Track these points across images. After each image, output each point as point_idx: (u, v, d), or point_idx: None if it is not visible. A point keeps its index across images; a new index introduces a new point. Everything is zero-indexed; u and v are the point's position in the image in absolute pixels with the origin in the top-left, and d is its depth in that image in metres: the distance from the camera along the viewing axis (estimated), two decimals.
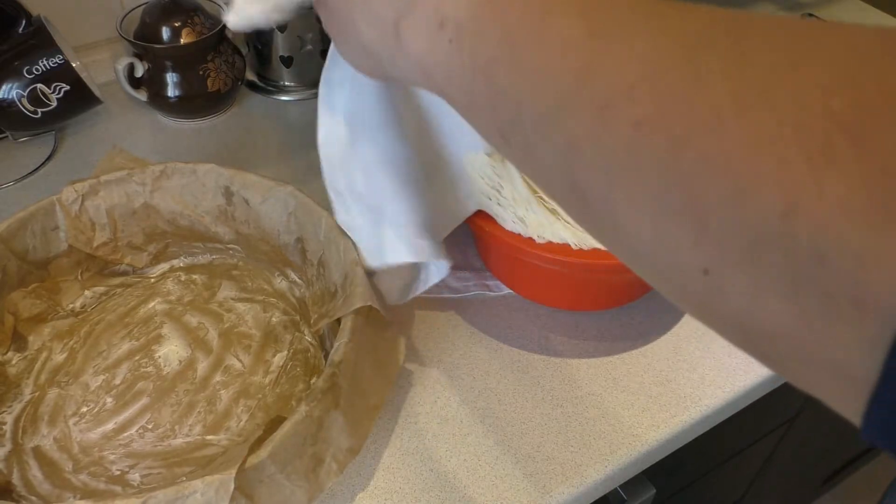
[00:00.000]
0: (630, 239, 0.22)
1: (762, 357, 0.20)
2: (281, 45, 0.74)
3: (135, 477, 0.45)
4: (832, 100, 0.16)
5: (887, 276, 0.15)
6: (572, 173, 0.23)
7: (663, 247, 0.20)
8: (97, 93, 0.68)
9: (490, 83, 0.25)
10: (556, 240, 0.48)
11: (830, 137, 0.16)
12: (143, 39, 0.69)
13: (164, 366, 0.51)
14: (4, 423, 0.48)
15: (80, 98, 0.67)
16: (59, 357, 0.52)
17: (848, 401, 0.17)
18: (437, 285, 0.51)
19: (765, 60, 0.18)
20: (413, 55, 0.29)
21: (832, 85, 0.17)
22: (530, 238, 0.49)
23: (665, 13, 0.21)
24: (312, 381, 0.50)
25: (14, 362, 0.51)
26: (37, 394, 0.49)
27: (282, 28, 0.73)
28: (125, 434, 0.47)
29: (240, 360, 0.52)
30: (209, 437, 0.47)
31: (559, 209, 0.48)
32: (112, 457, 0.46)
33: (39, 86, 0.65)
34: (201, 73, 0.70)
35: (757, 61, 0.18)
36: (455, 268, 0.55)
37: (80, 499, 0.43)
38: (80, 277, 0.55)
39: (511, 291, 0.57)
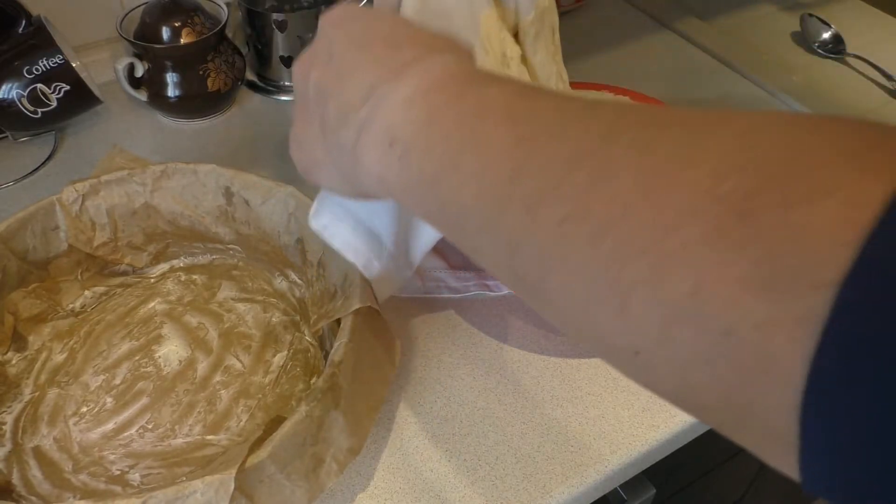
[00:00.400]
0: (570, 322, 0.23)
1: (707, 423, 0.21)
2: (281, 45, 0.74)
3: (135, 477, 0.45)
4: (723, 184, 0.18)
5: (787, 344, 0.17)
6: (514, 266, 0.25)
7: (597, 329, 0.22)
8: (97, 93, 0.68)
9: (438, 194, 0.27)
10: None
11: (723, 219, 0.18)
12: (143, 39, 0.69)
13: (164, 366, 0.51)
14: (4, 423, 0.48)
15: (80, 98, 0.67)
16: (59, 357, 0.52)
17: (786, 460, 0.18)
18: (437, 285, 0.51)
19: (662, 151, 0.20)
20: (372, 174, 0.31)
21: (723, 170, 0.18)
22: None
23: (579, 113, 0.24)
24: (312, 381, 0.50)
25: (14, 362, 0.51)
26: (37, 394, 0.49)
27: (282, 28, 0.73)
28: (125, 434, 0.47)
29: (240, 361, 0.52)
30: (209, 437, 0.47)
31: None
32: (112, 457, 0.46)
33: (39, 86, 0.65)
34: (201, 73, 0.70)
35: (656, 152, 0.20)
36: (455, 268, 0.55)
37: (80, 499, 0.43)
38: (80, 277, 0.55)
39: (511, 291, 0.57)
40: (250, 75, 0.79)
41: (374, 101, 0.30)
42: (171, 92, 0.70)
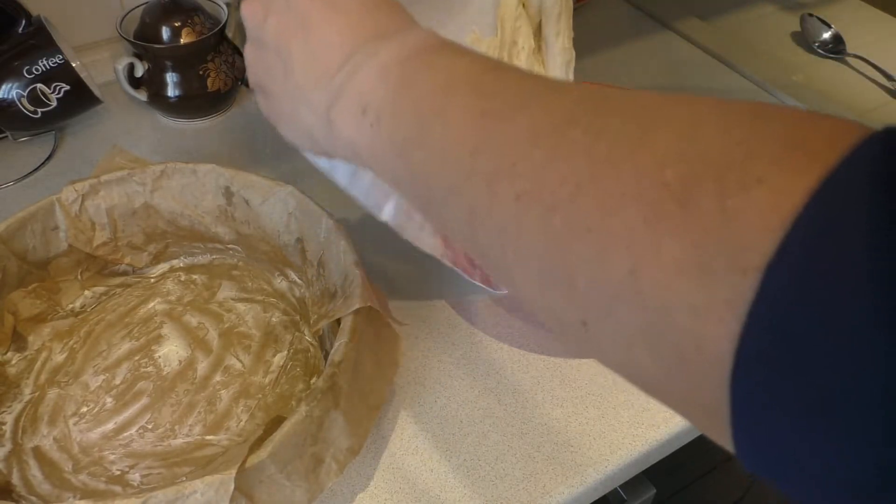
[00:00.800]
0: (524, 294, 0.24)
1: (659, 400, 0.22)
2: None
3: (135, 477, 0.45)
4: (665, 171, 0.19)
5: (717, 326, 0.17)
6: (475, 238, 0.26)
7: (548, 301, 0.23)
8: (97, 93, 0.68)
9: (407, 163, 0.28)
10: None
11: (663, 204, 0.18)
12: (143, 39, 0.69)
13: (164, 366, 0.51)
14: (4, 423, 0.48)
15: (80, 98, 0.67)
16: (59, 357, 0.52)
17: (725, 437, 0.19)
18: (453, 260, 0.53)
19: (616, 136, 0.21)
20: (343, 138, 0.31)
21: (667, 158, 0.19)
22: None
23: (543, 92, 0.24)
24: (312, 381, 0.50)
25: (14, 362, 0.51)
26: (37, 394, 0.49)
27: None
28: (125, 434, 0.47)
29: (240, 360, 0.52)
30: (209, 437, 0.47)
31: None
32: (112, 457, 0.46)
33: (39, 86, 0.65)
34: (201, 73, 0.70)
35: (610, 137, 0.21)
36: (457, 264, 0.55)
37: (80, 499, 0.43)
38: (80, 277, 0.55)
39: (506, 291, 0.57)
40: None
41: (351, 69, 0.30)
42: (171, 92, 0.70)
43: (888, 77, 0.83)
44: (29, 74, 0.64)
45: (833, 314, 0.15)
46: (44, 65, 0.64)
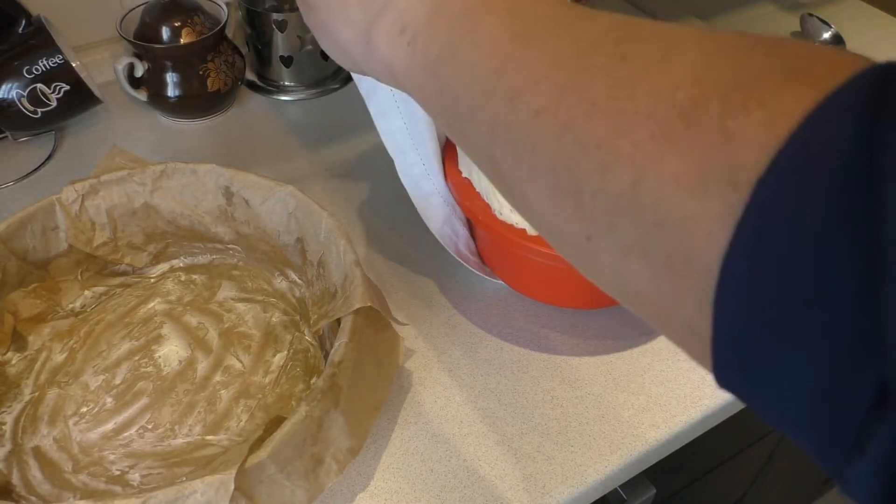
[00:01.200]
0: (533, 209, 0.26)
1: (641, 316, 0.23)
2: (281, 45, 0.74)
3: (135, 477, 0.45)
4: (678, 93, 0.20)
5: (706, 238, 0.18)
6: (492, 152, 0.27)
7: (556, 216, 0.24)
8: (97, 93, 0.68)
9: (436, 79, 0.29)
10: None
11: (671, 122, 0.20)
12: (143, 39, 0.69)
13: (164, 366, 0.51)
14: (4, 423, 0.48)
15: (80, 98, 0.67)
16: (58, 357, 0.52)
17: (703, 356, 0.20)
18: (452, 241, 0.55)
19: (638, 61, 0.22)
20: (380, 57, 0.32)
21: (680, 81, 0.20)
22: (523, 230, 0.49)
23: (574, 21, 0.26)
24: (312, 381, 0.50)
25: (14, 362, 0.51)
26: (37, 394, 0.49)
27: (282, 28, 0.73)
28: (125, 434, 0.47)
29: (240, 360, 0.52)
30: (209, 437, 0.47)
31: None
32: (112, 457, 0.46)
33: (39, 86, 0.65)
34: (201, 73, 0.70)
35: (632, 62, 0.22)
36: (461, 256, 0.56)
37: (80, 499, 0.43)
38: (79, 277, 0.55)
39: (503, 284, 0.57)
40: (250, 75, 0.79)
41: None
42: (171, 92, 0.70)
43: None
44: (29, 74, 0.64)
45: (808, 223, 0.16)
46: (44, 65, 0.64)
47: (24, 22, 0.66)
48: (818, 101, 0.17)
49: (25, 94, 0.64)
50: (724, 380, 0.19)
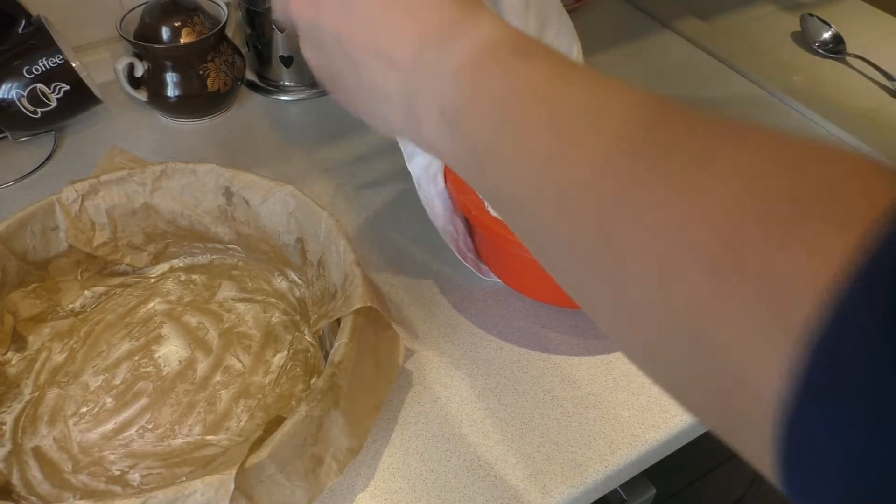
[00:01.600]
0: (595, 313, 0.26)
1: (709, 428, 0.23)
2: (281, 45, 0.74)
3: (135, 477, 0.45)
4: (719, 215, 0.20)
5: (761, 374, 0.18)
6: (542, 258, 0.27)
7: (616, 322, 0.24)
8: (97, 93, 0.68)
9: (480, 168, 0.29)
10: None
11: (715, 249, 0.20)
12: (143, 39, 0.69)
13: (164, 366, 0.51)
14: (4, 423, 0.48)
15: (80, 98, 0.67)
16: (58, 357, 0.52)
17: (765, 467, 0.20)
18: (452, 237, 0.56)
19: (679, 173, 0.22)
20: (426, 138, 0.32)
21: (722, 202, 0.20)
22: None
23: (610, 109, 0.25)
24: (312, 381, 0.50)
25: (14, 362, 0.51)
26: (37, 394, 0.49)
27: (282, 28, 0.73)
28: (125, 434, 0.47)
29: (240, 360, 0.52)
30: (209, 437, 0.47)
31: None
32: (112, 457, 0.46)
33: (39, 86, 0.65)
34: (201, 73, 0.70)
35: (674, 173, 0.22)
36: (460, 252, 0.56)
37: (80, 499, 0.43)
38: (79, 277, 0.54)
39: (504, 285, 0.57)
40: (250, 75, 0.79)
41: (424, 69, 0.30)
42: (171, 92, 0.70)
43: (888, 77, 0.83)
44: (29, 74, 0.64)
45: (866, 366, 0.16)
46: (44, 65, 0.64)
47: (24, 22, 0.66)
48: (860, 242, 0.17)
49: (25, 94, 0.64)
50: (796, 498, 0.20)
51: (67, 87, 0.66)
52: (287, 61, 0.76)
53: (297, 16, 0.35)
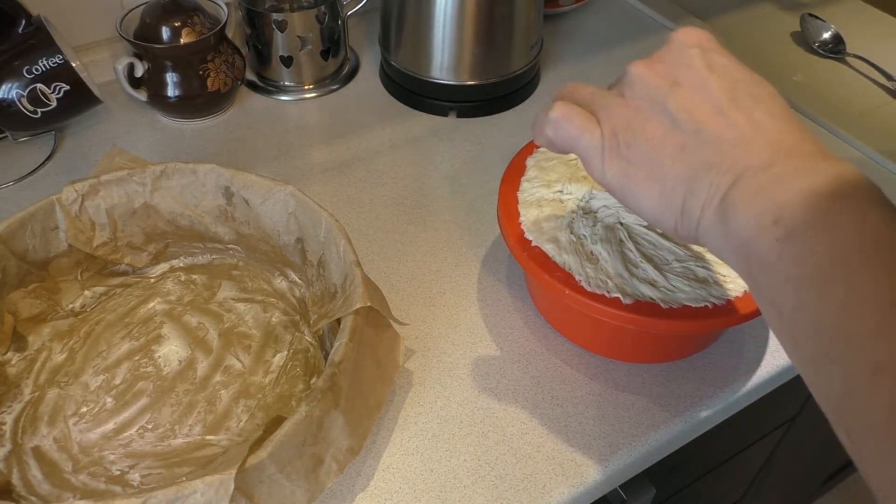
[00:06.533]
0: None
1: None
2: (281, 45, 0.74)
3: (135, 477, 0.45)
4: None
5: None
6: (842, 410, 0.26)
7: None
8: (97, 93, 0.68)
9: (797, 295, 0.28)
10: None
11: None
12: (143, 39, 0.69)
13: (164, 366, 0.51)
14: (4, 423, 0.48)
15: (80, 98, 0.67)
16: (58, 357, 0.52)
17: None
18: None
19: None
20: (735, 236, 0.31)
21: None
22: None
23: None
24: (312, 381, 0.50)
25: (14, 362, 0.51)
26: (36, 394, 0.49)
27: (282, 28, 0.73)
28: (125, 434, 0.47)
29: (240, 360, 0.52)
30: (209, 437, 0.47)
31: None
32: (112, 457, 0.46)
33: (39, 86, 0.65)
34: (201, 73, 0.70)
35: None
36: None
37: (80, 499, 0.43)
38: (79, 277, 0.55)
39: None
40: (250, 75, 0.79)
41: (774, 175, 0.30)
42: (171, 92, 0.70)
43: (888, 77, 0.83)
44: (29, 74, 0.64)
45: None
46: (44, 65, 0.64)
47: (24, 22, 0.66)
48: None
49: (25, 94, 0.64)
50: None
51: (67, 87, 0.66)
52: (287, 61, 0.76)
53: (651, 82, 0.35)
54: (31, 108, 0.65)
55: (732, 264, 0.32)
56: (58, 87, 0.65)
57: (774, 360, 0.54)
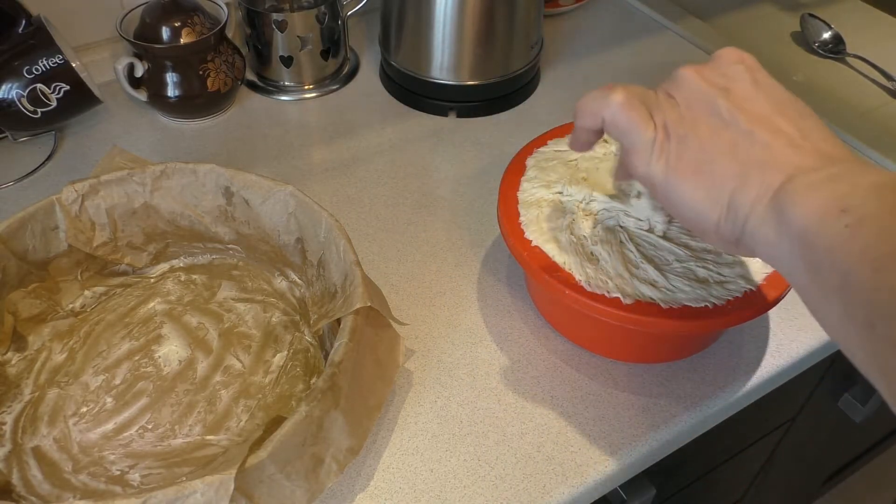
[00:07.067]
0: None
1: None
2: (281, 45, 0.74)
3: (135, 477, 0.45)
4: None
5: None
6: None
7: None
8: (97, 93, 0.68)
9: (876, 276, 0.28)
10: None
11: None
12: (143, 39, 0.69)
13: (164, 366, 0.51)
14: (4, 423, 0.48)
15: (80, 98, 0.67)
16: (58, 357, 0.52)
17: None
18: None
19: None
20: (795, 226, 0.31)
21: None
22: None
23: None
24: (312, 381, 0.50)
25: (14, 362, 0.51)
26: (37, 394, 0.49)
27: (282, 28, 0.73)
28: (125, 434, 0.47)
29: (240, 360, 0.52)
30: (209, 437, 0.47)
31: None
32: (112, 457, 0.46)
33: (39, 86, 0.65)
34: (201, 73, 0.70)
35: None
36: None
37: (80, 499, 0.43)
38: (79, 277, 0.55)
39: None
40: (250, 75, 0.79)
41: (830, 175, 0.31)
42: (171, 92, 0.70)
43: (888, 77, 0.83)
44: (29, 74, 0.64)
45: None
46: (44, 65, 0.64)
47: (24, 22, 0.66)
48: None
49: (25, 94, 0.64)
50: None
51: (67, 87, 0.66)
52: (287, 61, 0.76)
53: (693, 83, 0.36)
54: (31, 108, 0.65)
55: (786, 256, 0.32)
56: (58, 87, 0.65)
57: (774, 360, 0.54)
